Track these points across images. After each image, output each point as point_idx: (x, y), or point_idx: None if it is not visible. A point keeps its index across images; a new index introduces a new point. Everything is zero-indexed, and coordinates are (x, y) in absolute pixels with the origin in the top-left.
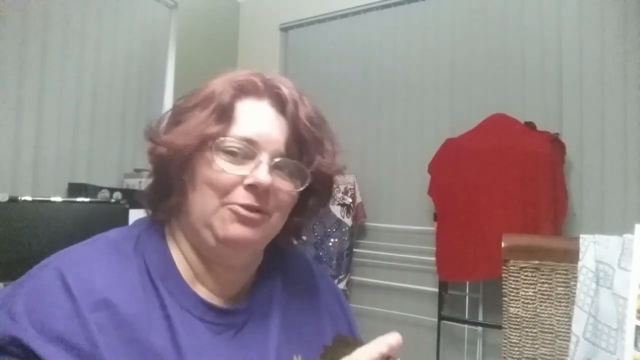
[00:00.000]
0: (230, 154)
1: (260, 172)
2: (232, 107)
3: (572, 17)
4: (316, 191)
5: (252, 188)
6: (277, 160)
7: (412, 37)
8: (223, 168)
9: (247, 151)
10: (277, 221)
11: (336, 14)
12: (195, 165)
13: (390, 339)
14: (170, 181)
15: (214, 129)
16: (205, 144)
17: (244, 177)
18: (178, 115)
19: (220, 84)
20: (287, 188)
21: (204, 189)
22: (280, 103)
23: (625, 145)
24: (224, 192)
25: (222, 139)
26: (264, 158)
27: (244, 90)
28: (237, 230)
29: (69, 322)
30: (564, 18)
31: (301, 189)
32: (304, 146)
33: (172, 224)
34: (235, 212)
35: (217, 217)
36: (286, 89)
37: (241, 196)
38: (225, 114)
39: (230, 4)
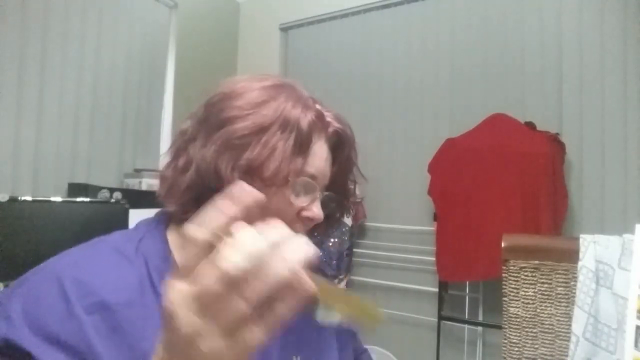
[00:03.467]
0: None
1: (318, 208)
2: (311, 139)
3: (572, 17)
4: (334, 215)
5: (307, 219)
6: (326, 194)
7: (412, 37)
8: (294, 203)
9: (310, 187)
10: None
11: (336, 14)
12: (259, 189)
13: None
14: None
15: (296, 165)
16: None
17: (302, 208)
18: (242, 137)
19: (290, 105)
20: None
21: None
22: (336, 141)
23: (625, 145)
24: (283, 220)
25: (301, 179)
26: (318, 193)
27: (316, 122)
28: None
29: (65, 323)
30: (564, 18)
31: (325, 212)
32: (346, 183)
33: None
34: None
35: None
36: (342, 126)
37: (297, 226)
38: (306, 148)
39: (230, 4)
